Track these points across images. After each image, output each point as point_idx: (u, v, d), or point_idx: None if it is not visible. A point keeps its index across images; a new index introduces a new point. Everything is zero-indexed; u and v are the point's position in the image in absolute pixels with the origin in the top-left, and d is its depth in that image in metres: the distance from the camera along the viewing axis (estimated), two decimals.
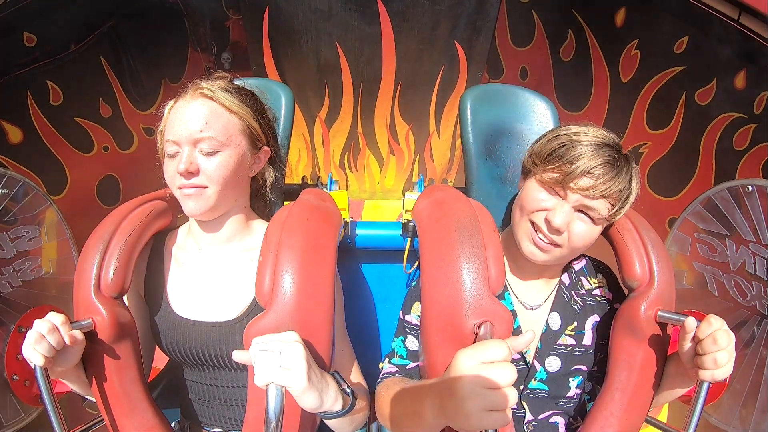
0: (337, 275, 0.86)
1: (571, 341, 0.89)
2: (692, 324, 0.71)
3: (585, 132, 0.81)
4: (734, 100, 1.31)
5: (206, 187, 0.82)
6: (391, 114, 2.71)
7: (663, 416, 1.33)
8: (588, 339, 0.90)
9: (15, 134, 1.31)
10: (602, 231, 0.92)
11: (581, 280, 0.94)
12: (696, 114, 1.45)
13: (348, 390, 0.74)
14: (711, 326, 0.69)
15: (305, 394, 0.64)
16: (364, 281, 1.31)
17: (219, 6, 2.26)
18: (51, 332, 0.69)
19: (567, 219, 0.78)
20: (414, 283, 0.80)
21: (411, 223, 1.15)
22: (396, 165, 2.96)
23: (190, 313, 0.89)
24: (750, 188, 1.09)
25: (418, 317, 0.88)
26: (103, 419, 0.83)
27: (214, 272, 0.91)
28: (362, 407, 0.80)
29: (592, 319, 0.91)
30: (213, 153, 0.82)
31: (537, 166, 0.83)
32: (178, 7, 2.12)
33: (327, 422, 0.77)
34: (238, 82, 0.95)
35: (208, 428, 0.95)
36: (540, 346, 0.88)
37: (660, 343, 0.81)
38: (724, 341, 0.67)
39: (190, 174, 0.81)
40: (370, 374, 0.94)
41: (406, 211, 1.19)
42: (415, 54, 2.33)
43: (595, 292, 0.94)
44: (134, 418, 0.83)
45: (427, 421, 0.65)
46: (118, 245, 0.82)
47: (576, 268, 0.95)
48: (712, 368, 0.68)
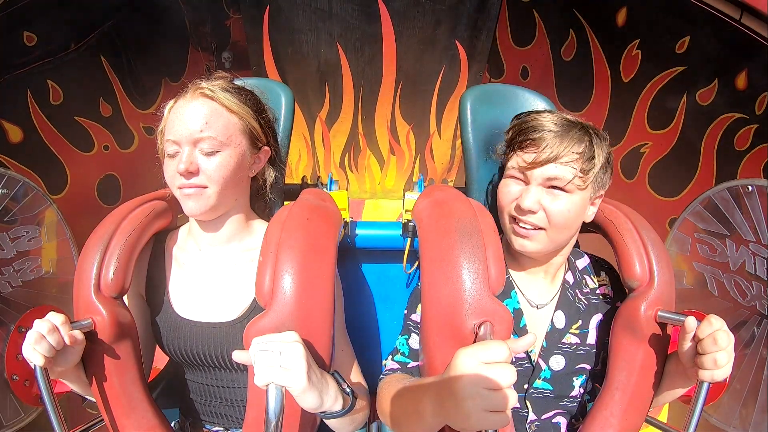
0: (337, 275, 0.86)
1: (575, 340, 0.89)
2: (692, 324, 0.71)
3: (534, 116, 0.84)
4: (735, 101, 1.30)
5: (206, 187, 0.82)
6: (392, 114, 2.70)
7: (663, 416, 1.33)
8: (592, 337, 0.90)
9: (15, 134, 1.31)
10: (600, 229, 0.93)
11: (585, 279, 0.94)
12: (697, 114, 1.44)
13: (348, 390, 0.74)
14: (711, 326, 0.69)
15: (305, 394, 0.63)
16: (364, 281, 1.30)
17: (219, 5, 2.25)
18: (51, 332, 0.69)
19: (536, 197, 0.79)
20: (419, 285, 0.80)
21: (411, 223, 1.15)
22: (396, 165, 2.95)
23: (191, 313, 0.89)
24: (750, 188, 1.09)
25: (420, 316, 0.88)
26: (103, 419, 0.83)
27: (214, 273, 0.91)
28: (362, 407, 0.80)
29: (596, 318, 0.91)
30: (213, 153, 0.82)
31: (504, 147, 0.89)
32: (178, 6, 2.12)
33: (327, 422, 0.77)
34: (238, 82, 0.95)
35: (209, 427, 0.95)
36: (545, 345, 0.88)
37: (660, 343, 0.81)
38: (724, 341, 0.67)
39: (190, 174, 0.81)
40: (370, 374, 0.94)
41: (406, 211, 1.19)
42: (415, 53, 2.33)
43: (599, 291, 0.94)
44: (134, 417, 0.83)
45: (426, 420, 0.65)
46: (118, 245, 0.82)
47: (580, 266, 0.95)
48: (711, 368, 0.68)
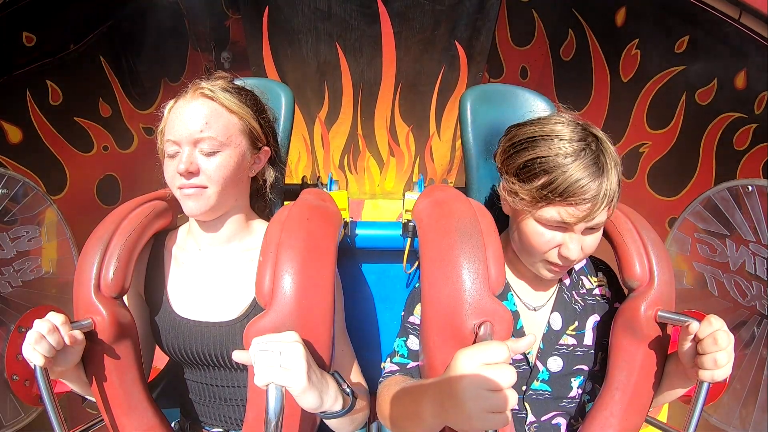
0: (337, 275, 0.86)
1: (572, 341, 0.89)
2: (695, 326, 0.71)
3: (550, 135, 0.74)
4: (734, 100, 1.31)
5: (206, 188, 0.82)
6: (392, 115, 2.70)
7: (663, 416, 1.33)
8: (589, 338, 0.90)
9: (15, 134, 1.31)
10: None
11: (581, 280, 0.94)
12: (697, 114, 1.44)
13: (348, 390, 0.74)
14: (711, 326, 0.69)
15: (305, 393, 0.63)
16: (364, 281, 1.30)
17: (219, 5, 2.25)
18: (51, 332, 0.69)
19: (580, 243, 0.76)
20: (418, 285, 0.80)
21: (411, 223, 1.15)
22: (396, 167, 2.95)
23: (191, 313, 0.89)
24: (750, 188, 1.09)
25: (419, 318, 0.88)
26: (102, 419, 0.83)
27: (214, 272, 0.91)
28: (362, 407, 0.80)
29: (593, 319, 0.91)
30: (213, 153, 0.82)
31: (515, 184, 0.78)
32: (177, 6, 2.12)
33: (327, 422, 0.77)
34: (238, 82, 0.95)
35: (209, 428, 0.95)
36: (542, 347, 0.88)
37: (660, 343, 0.80)
38: (724, 342, 0.67)
39: (190, 174, 0.81)
40: (370, 374, 0.94)
41: (406, 210, 1.19)
42: (415, 54, 2.33)
43: (596, 292, 0.94)
44: (134, 417, 0.83)
45: (426, 421, 0.65)
46: (118, 245, 0.82)
47: (576, 267, 0.95)
48: (711, 368, 0.68)
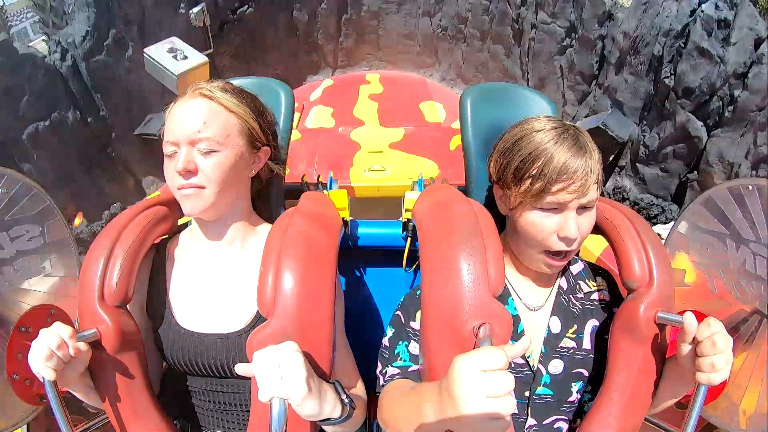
0: (337, 277, 0.86)
1: (572, 344, 0.89)
2: (692, 322, 0.71)
3: (528, 133, 0.81)
4: None
5: (204, 188, 0.82)
6: None
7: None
8: (587, 342, 0.90)
9: None
10: (599, 230, 0.93)
11: (579, 284, 0.94)
12: None
13: (347, 400, 0.75)
14: (710, 328, 0.69)
15: (304, 402, 0.65)
16: (364, 281, 1.31)
17: None
18: (60, 347, 0.70)
19: (577, 223, 0.79)
20: (419, 293, 0.80)
21: (411, 223, 1.15)
22: None
23: (195, 325, 0.89)
24: (750, 188, 1.08)
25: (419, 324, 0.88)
26: (102, 419, 0.84)
27: (217, 278, 0.91)
28: (360, 413, 0.82)
29: (591, 323, 0.91)
30: (211, 152, 0.82)
31: (512, 189, 0.82)
32: None
33: (325, 427, 0.78)
34: (238, 81, 0.95)
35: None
36: (543, 351, 0.88)
37: (659, 344, 0.81)
38: (722, 345, 0.67)
39: (188, 173, 0.81)
40: (369, 375, 0.94)
41: (406, 210, 1.19)
42: None
43: (594, 296, 0.94)
44: (141, 424, 0.84)
45: (429, 426, 0.66)
46: (120, 254, 0.83)
47: (574, 272, 0.95)
48: (709, 372, 0.69)
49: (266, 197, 1.02)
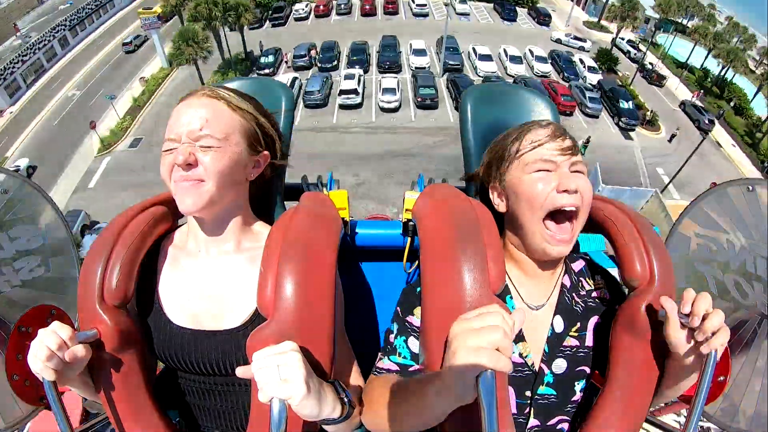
0: (337, 278, 0.86)
1: (575, 342, 0.89)
2: (668, 303, 0.73)
3: (514, 128, 0.91)
4: None
5: (203, 181, 0.82)
6: None
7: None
8: (590, 340, 0.90)
9: None
10: (600, 229, 0.93)
11: (581, 282, 0.94)
12: None
13: (347, 400, 0.75)
14: (689, 296, 0.71)
15: (303, 403, 0.65)
16: (364, 280, 1.30)
17: None
18: (60, 348, 0.70)
19: (574, 180, 0.81)
20: (419, 289, 0.80)
21: (411, 222, 1.15)
22: None
23: (186, 321, 0.89)
24: (750, 188, 1.08)
25: (419, 320, 0.88)
26: (103, 418, 0.84)
27: (213, 277, 0.91)
28: (360, 412, 0.81)
29: (593, 321, 0.91)
30: (211, 148, 0.82)
31: (508, 172, 0.88)
32: None
33: (325, 427, 0.78)
34: (238, 82, 0.95)
35: (207, 430, 0.95)
36: (546, 350, 0.88)
37: (660, 341, 0.81)
38: (706, 304, 0.69)
39: (188, 166, 0.81)
40: (369, 373, 0.94)
41: (406, 210, 1.19)
42: None
43: (595, 294, 0.94)
44: (140, 422, 0.84)
45: (430, 402, 0.66)
46: (121, 254, 0.83)
47: (576, 269, 0.95)
48: (708, 335, 0.69)
49: (266, 197, 1.02)
